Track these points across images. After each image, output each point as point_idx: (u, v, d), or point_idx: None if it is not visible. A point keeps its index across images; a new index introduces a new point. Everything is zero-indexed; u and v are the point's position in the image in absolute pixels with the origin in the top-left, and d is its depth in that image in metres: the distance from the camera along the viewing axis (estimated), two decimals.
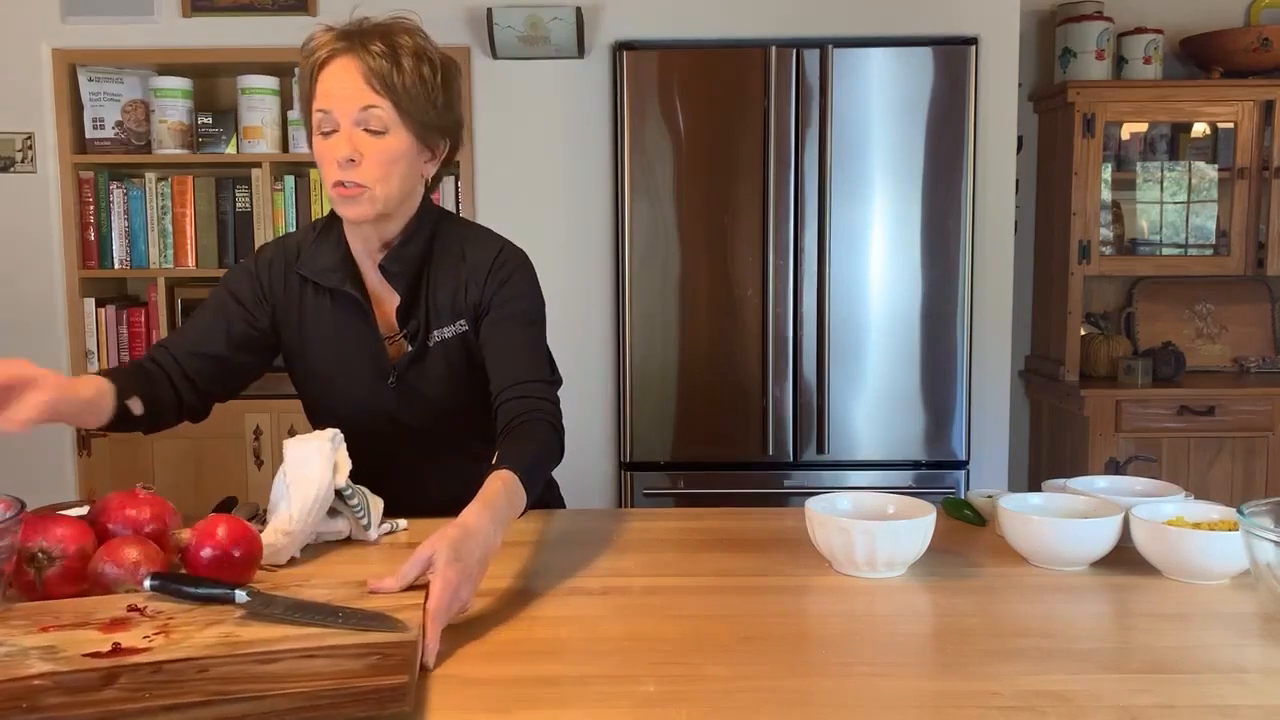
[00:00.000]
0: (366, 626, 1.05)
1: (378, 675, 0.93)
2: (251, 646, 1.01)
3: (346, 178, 1.46)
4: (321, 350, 1.60)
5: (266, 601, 1.11)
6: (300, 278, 1.59)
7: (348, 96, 1.45)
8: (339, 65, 1.46)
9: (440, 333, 1.58)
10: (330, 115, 1.46)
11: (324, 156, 1.48)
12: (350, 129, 1.46)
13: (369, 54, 1.45)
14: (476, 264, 1.58)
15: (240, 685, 0.92)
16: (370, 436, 1.56)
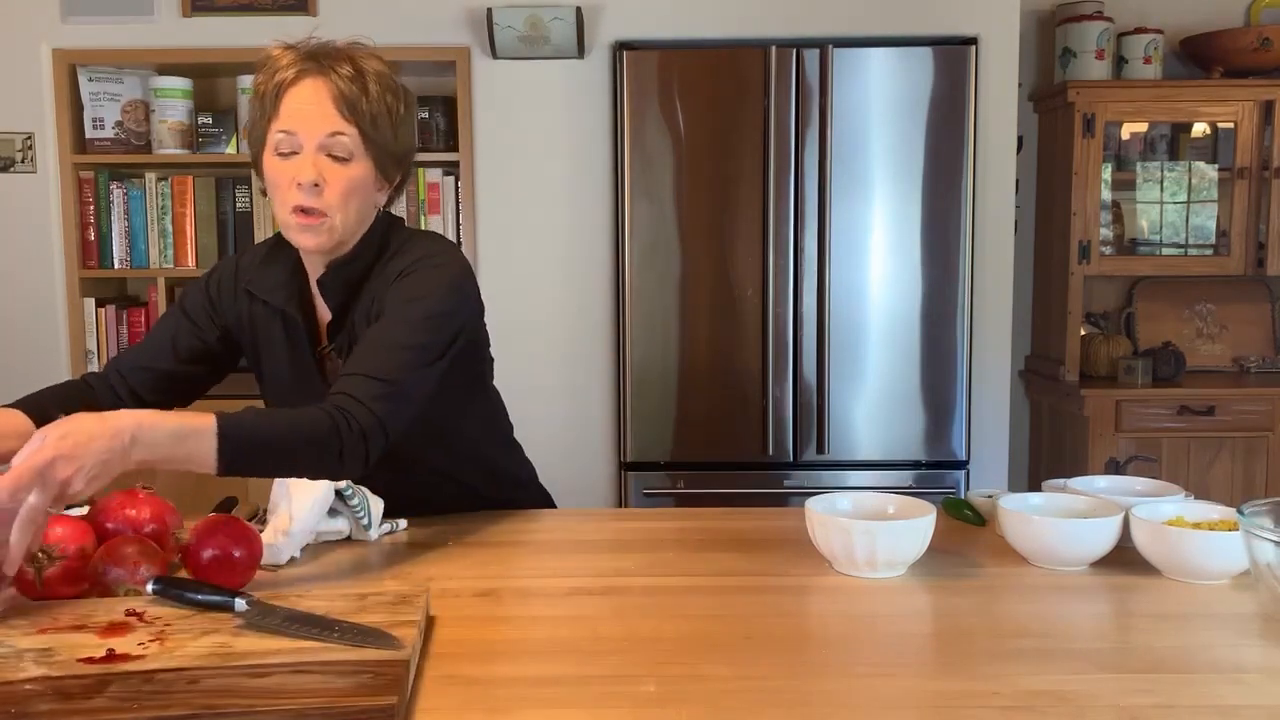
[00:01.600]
0: (361, 643, 1.04)
1: (367, 695, 0.92)
2: (244, 659, 1.01)
3: (308, 203, 1.42)
4: (271, 367, 1.60)
5: (265, 612, 1.11)
6: (250, 296, 1.58)
7: (315, 119, 1.41)
8: (308, 86, 1.42)
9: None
10: (294, 137, 1.42)
11: (280, 178, 1.43)
12: (314, 153, 1.42)
13: (339, 77, 1.42)
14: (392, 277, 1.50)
15: (229, 699, 0.92)
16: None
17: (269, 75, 1.44)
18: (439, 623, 1.19)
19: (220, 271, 1.63)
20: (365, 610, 1.13)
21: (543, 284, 3.33)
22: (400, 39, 3.24)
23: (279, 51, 1.46)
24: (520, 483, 1.77)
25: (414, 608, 1.13)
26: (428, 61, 3.30)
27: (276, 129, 1.42)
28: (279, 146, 1.43)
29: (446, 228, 3.33)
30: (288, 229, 1.46)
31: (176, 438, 1.18)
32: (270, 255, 1.58)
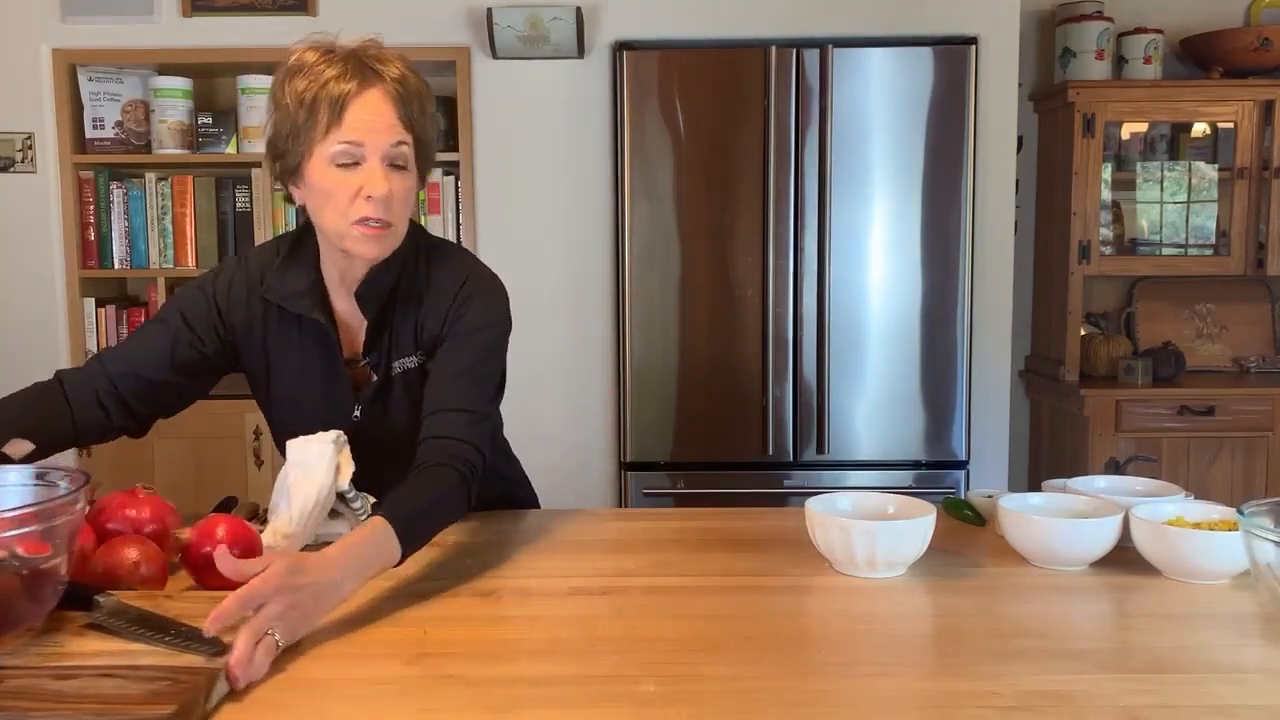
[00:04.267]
0: (186, 647, 1.02)
1: (148, 703, 0.91)
2: (64, 659, 1.01)
3: (375, 214, 1.39)
4: (287, 378, 1.56)
5: (117, 612, 1.09)
6: (264, 302, 1.53)
7: (382, 131, 1.39)
8: (373, 98, 1.39)
9: (402, 363, 1.53)
10: (360, 148, 1.38)
11: (340, 189, 1.39)
12: (378, 164, 1.39)
13: (395, 85, 1.40)
14: (439, 295, 1.52)
15: (24, 701, 0.92)
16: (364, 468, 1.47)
17: (316, 81, 1.39)
18: (439, 622, 1.19)
19: (226, 277, 1.56)
20: None
21: (543, 284, 3.33)
22: (400, 39, 3.23)
23: (316, 56, 1.41)
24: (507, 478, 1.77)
25: None
26: (428, 61, 3.29)
27: (338, 140, 1.38)
28: (338, 158, 1.39)
29: (446, 228, 3.33)
30: (347, 239, 1.42)
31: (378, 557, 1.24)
32: (288, 260, 1.53)
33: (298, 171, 1.43)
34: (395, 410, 1.54)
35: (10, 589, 1.01)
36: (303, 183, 1.43)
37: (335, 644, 1.14)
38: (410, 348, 1.53)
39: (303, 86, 1.39)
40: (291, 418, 1.57)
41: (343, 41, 1.44)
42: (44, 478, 1.15)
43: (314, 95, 1.38)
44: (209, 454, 3.28)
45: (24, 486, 1.15)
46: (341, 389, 1.54)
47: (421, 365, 1.53)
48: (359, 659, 1.10)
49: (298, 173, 1.43)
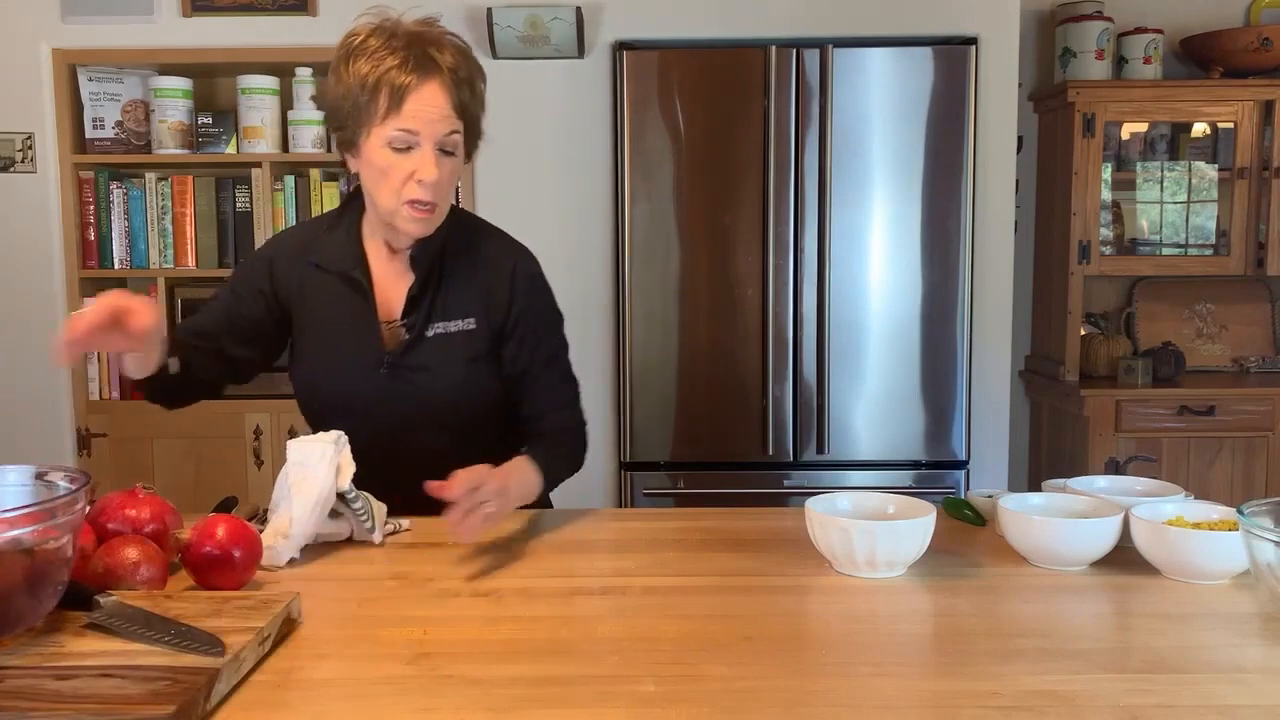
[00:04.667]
0: (185, 647, 1.02)
1: (148, 703, 0.91)
2: (64, 659, 1.01)
3: (425, 197, 1.52)
4: (321, 331, 1.64)
5: (117, 612, 1.09)
6: (310, 265, 1.65)
7: (437, 121, 1.51)
8: (432, 90, 1.51)
9: (444, 325, 1.62)
10: (414, 136, 1.50)
11: (392, 171, 1.52)
12: (430, 151, 1.51)
13: (453, 77, 1.53)
14: (496, 270, 1.65)
15: (24, 701, 0.92)
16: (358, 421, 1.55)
17: (377, 66, 1.50)
18: (439, 623, 1.19)
19: (278, 242, 1.72)
20: (220, 613, 1.11)
21: None
22: None
23: (379, 41, 1.52)
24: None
25: (265, 614, 1.11)
26: None
27: (396, 126, 1.50)
28: (395, 141, 1.51)
29: None
30: (396, 216, 1.54)
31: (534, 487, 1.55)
32: (333, 226, 1.67)
33: (355, 145, 1.56)
34: (424, 371, 1.61)
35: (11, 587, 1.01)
36: (359, 156, 1.56)
37: (335, 644, 1.14)
38: (459, 313, 1.63)
39: (365, 70, 1.51)
40: (319, 374, 1.65)
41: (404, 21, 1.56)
42: (44, 477, 1.15)
43: (375, 80, 1.50)
44: (209, 454, 3.28)
45: (24, 486, 1.15)
46: (373, 345, 1.62)
47: (469, 332, 1.63)
48: (359, 659, 1.10)
49: (355, 146, 1.56)
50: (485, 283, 1.64)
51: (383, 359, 1.61)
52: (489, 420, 1.68)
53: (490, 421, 1.68)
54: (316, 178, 3.32)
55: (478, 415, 1.65)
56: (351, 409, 1.60)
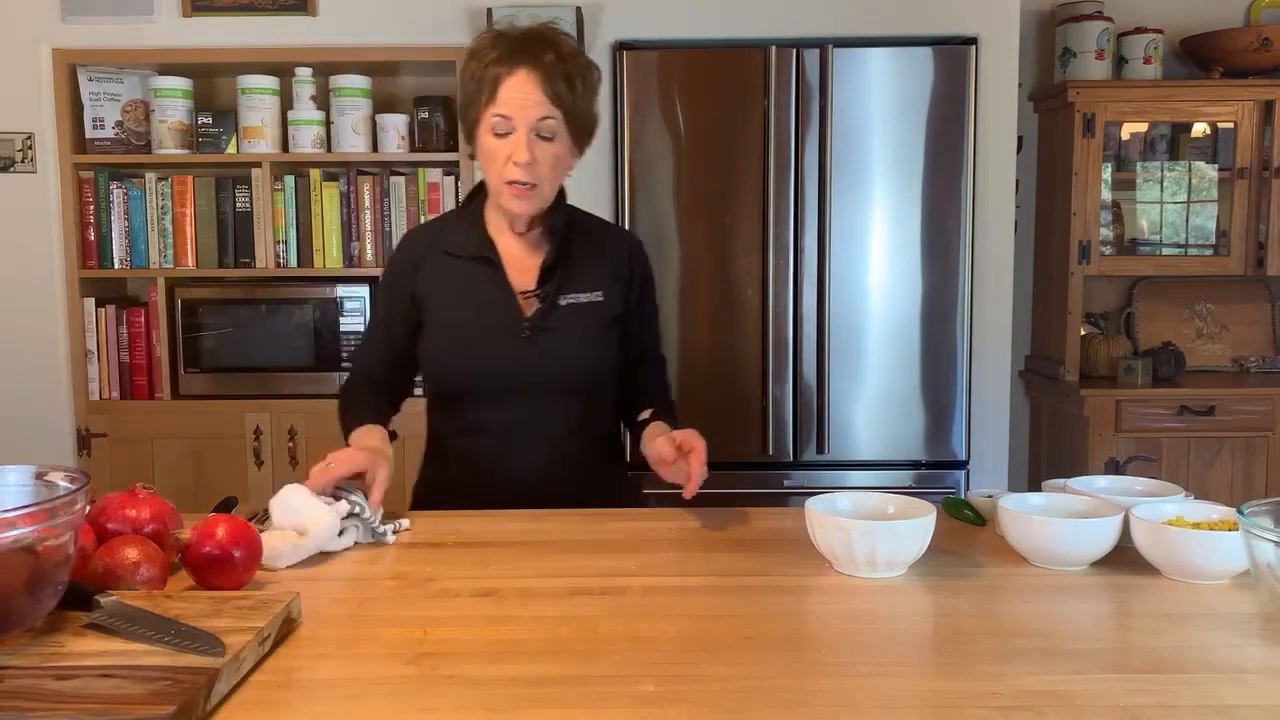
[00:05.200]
0: (185, 647, 1.02)
1: (148, 703, 0.91)
2: (64, 659, 1.01)
3: (522, 177, 1.65)
4: (457, 308, 1.76)
5: (117, 612, 1.09)
6: (443, 253, 1.78)
7: (529, 106, 1.63)
8: (522, 77, 1.63)
9: (574, 296, 1.76)
10: (509, 120, 1.64)
11: (495, 155, 1.66)
12: (526, 134, 1.64)
13: (546, 67, 1.63)
14: (619, 247, 1.85)
15: (24, 701, 0.92)
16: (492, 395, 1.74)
17: (481, 63, 1.65)
18: (439, 623, 1.19)
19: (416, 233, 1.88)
20: (220, 613, 1.11)
21: None
22: (400, 39, 3.25)
23: (488, 41, 1.67)
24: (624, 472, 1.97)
25: (265, 614, 1.11)
26: (428, 61, 3.30)
27: (494, 112, 1.64)
28: (495, 128, 1.65)
29: None
30: (500, 195, 1.69)
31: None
32: (458, 216, 1.84)
33: (472, 136, 1.71)
34: (559, 337, 1.74)
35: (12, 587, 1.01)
36: (475, 146, 1.72)
37: (335, 644, 1.14)
38: (588, 285, 1.77)
39: (473, 68, 1.67)
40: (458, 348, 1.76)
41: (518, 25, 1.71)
42: (44, 477, 1.15)
43: (479, 75, 1.66)
44: (209, 454, 3.28)
45: (24, 486, 1.15)
46: (511, 313, 1.74)
47: (597, 303, 1.77)
48: (359, 659, 1.10)
49: (472, 137, 1.72)
50: (610, 258, 1.81)
51: (522, 325, 1.73)
52: (608, 392, 1.83)
53: (608, 394, 1.84)
54: (316, 178, 3.33)
55: (602, 384, 1.81)
56: (491, 379, 1.74)
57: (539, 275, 1.75)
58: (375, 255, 3.33)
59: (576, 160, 1.75)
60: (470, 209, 1.82)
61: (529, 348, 1.72)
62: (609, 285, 1.79)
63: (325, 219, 3.33)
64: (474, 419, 1.76)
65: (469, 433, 1.77)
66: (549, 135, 1.65)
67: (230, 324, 3.29)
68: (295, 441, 3.26)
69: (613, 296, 1.79)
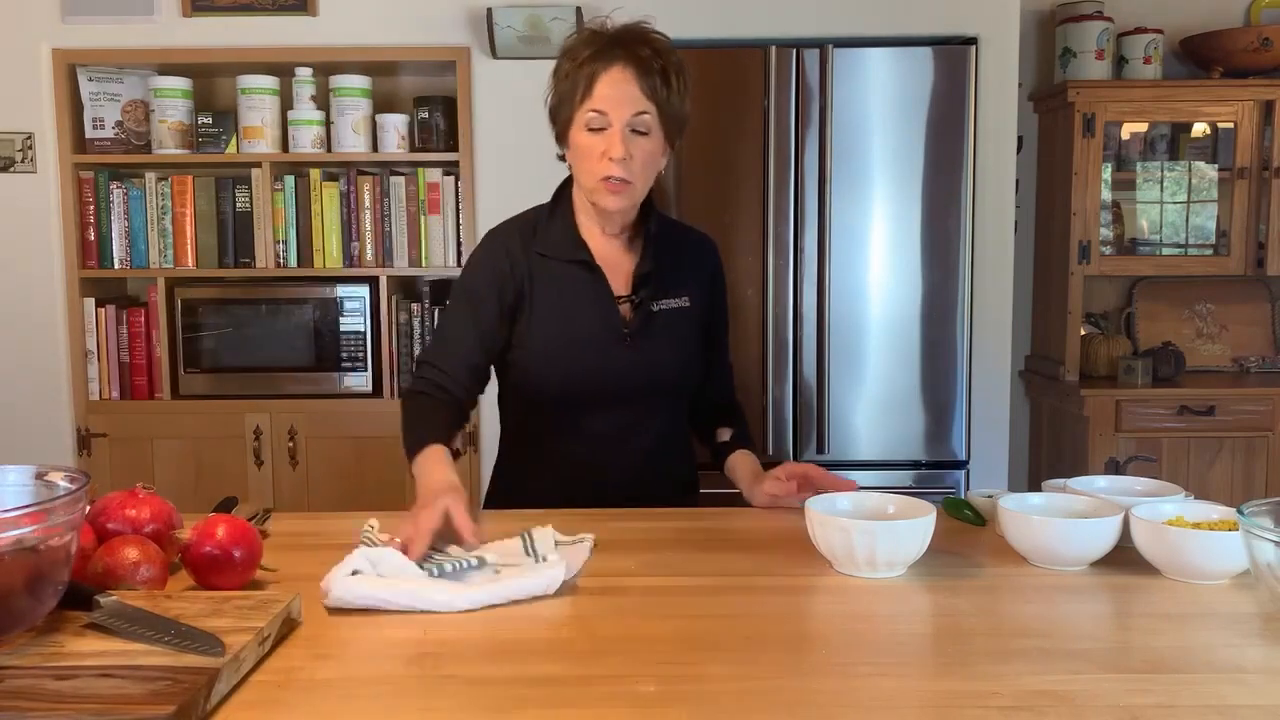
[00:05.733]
0: (186, 647, 1.02)
1: (148, 703, 0.91)
2: (64, 659, 1.01)
3: (617, 173, 1.63)
4: (557, 313, 1.72)
5: (117, 612, 1.09)
6: (537, 254, 1.74)
7: (625, 101, 1.63)
8: (618, 73, 1.63)
9: (666, 302, 1.76)
10: (605, 116, 1.63)
11: (590, 150, 1.65)
12: (621, 130, 1.63)
13: (642, 62, 1.63)
14: (701, 251, 1.85)
15: (24, 701, 0.92)
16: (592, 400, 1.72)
17: (576, 61, 1.65)
18: (440, 623, 1.19)
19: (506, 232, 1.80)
20: (220, 613, 1.11)
21: None
22: (400, 39, 3.25)
23: (584, 38, 1.67)
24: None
25: (265, 614, 1.11)
26: (428, 61, 3.30)
27: (589, 108, 1.63)
28: (590, 123, 1.64)
29: (446, 228, 3.33)
30: (595, 193, 1.67)
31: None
32: (551, 216, 1.78)
33: (565, 136, 1.70)
34: (657, 343, 1.74)
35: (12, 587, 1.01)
36: (568, 145, 1.70)
37: (335, 644, 1.14)
38: (676, 291, 1.77)
39: (568, 67, 1.67)
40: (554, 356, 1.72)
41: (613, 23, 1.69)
42: (44, 477, 1.15)
43: (573, 73, 1.65)
44: (209, 454, 3.28)
45: (24, 486, 1.15)
46: (613, 319, 1.73)
47: (683, 309, 1.77)
48: (359, 659, 1.10)
49: (565, 137, 1.70)
50: (693, 263, 1.82)
51: (623, 332, 1.72)
52: (687, 397, 1.85)
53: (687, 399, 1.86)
54: (316, 178, 3.32)
55: (689, 390, 1.83)
56: (594, 384, 1.72)
57: (633, 281, 1.75)
58: (375, 255, 3.33)
59: (666, 159, 1.73)
60: (560, 209, 1.78)
61: (630, 354, 1.72)
62: (694, 290, 1.80)
63: (325, 219, 3.33)
64: (570, 423, 1.74)
65: (566, 436, 1.75)
66: (644, 130, 1.64)
67: (230, 324, 3.29)
68: (295, 441, 3.26)
69: (697, 301, 1.80)
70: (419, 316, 3.34)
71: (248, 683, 1.03)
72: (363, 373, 3.29)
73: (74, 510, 1.07)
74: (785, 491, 1.66)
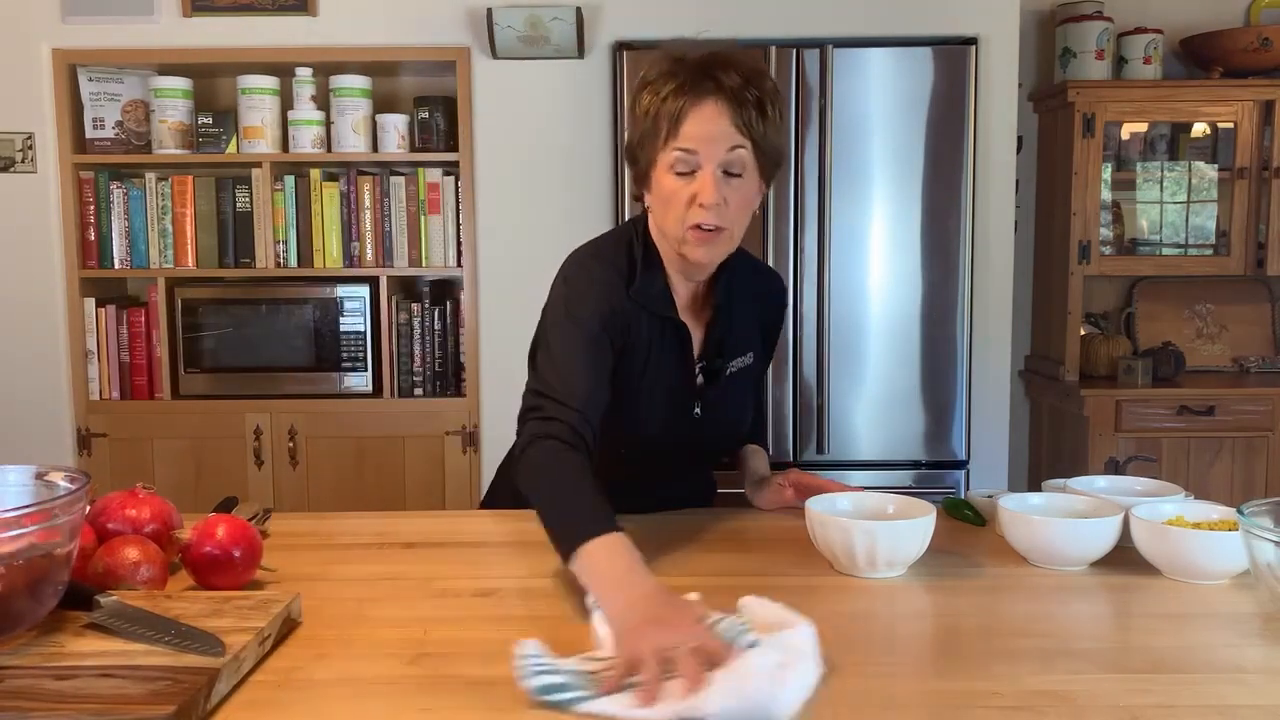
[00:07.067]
0: (186, 647, 1.02)
1: (148, 703, 0.92)
2: (64, 659, 1.01)
3: (710, 221, 1.45)
4: (647, 372, 1.57)
5: (117, 612, 1.09)
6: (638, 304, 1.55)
7: (717, 139, 1.43)
8: (710, 107, 1.43)
9: (735, 363, 1.64)
10: (695, 156, 1.44)
11: (677, 196, 1.46)
12: (713, 171, 1.44)
13: (734, 93, 1.44)
14: (767, 303, 1.72)
15: (24, 701, 0.92)
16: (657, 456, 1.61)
17: (659, 95, 1.46)
18: (440, 623, 1.19)
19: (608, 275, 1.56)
20: (220, 613, 1.11)
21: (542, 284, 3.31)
22: (400, 39, 3.25)
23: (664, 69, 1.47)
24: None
25: (265, 614, 1.11)
26: (428, 61, 3.30)
27: (675, 147, 1.44)
28: (676, 165, 1.45)
29: (446, 228, 3.33)
30: (683, 243, 1.48)
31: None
32: (645, 263, 1.57)
33: (646, 178, 1.52)
34: (724, 408, 1.64)
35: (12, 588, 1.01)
36: (650, 188, 1.52)
37: (335, 644, 1.14)
38: (744, 349, 1.65)
39: (648, 101, 1.48)
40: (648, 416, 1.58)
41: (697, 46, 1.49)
42: (44, 477, 1.15)
43: (656, 109, 1.46)
44: (209, 454, 3.28)
45: (24, 486, 1.15)
46: (689, 392, 1.60)
47: (748, 366, 1.67)
48: (359, 659, 1.10)
49: (646, 179, 1.52)
50: (761, 316, 1.70)
51: (694, 401, 1.60)
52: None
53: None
54: (316, 178, 3.33)
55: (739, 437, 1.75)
56: (657, 447, 1.60)
57: (706, 343, 1.61)
58: (375, 255, 3.33)
59: (760, 199, 1.54)
60: (652, 258, 1.58)
61: (698, 421, 1.62)
62: (757, 344, 1.69)
63: (325, 219, 3.33)
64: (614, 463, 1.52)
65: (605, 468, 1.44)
66: (738, 171, 1.45)
67: (230, 324, 3.30)
68: (295, 441, 3.26)
69: (759, 354, 1.70)
70: (419, 316, 3.34)
71: (248, 683, 1.03)
72: (363, 373, 3.29)
73: (74, 510, 1.07)
74: (784, 500, 1.65)
